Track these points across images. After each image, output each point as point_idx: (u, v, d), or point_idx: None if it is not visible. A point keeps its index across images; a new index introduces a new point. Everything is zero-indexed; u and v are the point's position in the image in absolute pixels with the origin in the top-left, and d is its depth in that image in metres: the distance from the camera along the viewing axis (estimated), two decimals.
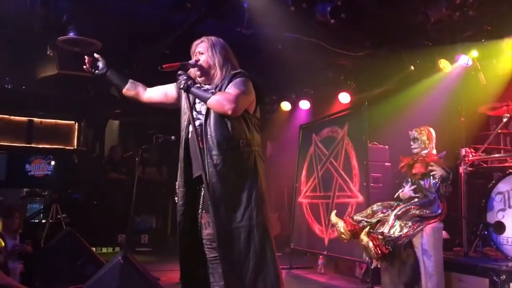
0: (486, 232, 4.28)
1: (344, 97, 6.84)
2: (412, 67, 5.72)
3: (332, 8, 4.49)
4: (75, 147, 8.66)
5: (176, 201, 2.81)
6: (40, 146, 8.33)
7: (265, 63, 5.77)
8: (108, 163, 8.06)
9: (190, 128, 2.72)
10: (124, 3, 4.79)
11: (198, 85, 2.67)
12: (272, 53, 5.66)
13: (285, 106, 7.79)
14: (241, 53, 2.92)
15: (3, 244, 3.69)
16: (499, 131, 4.71)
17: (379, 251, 3.68)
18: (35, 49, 5.74)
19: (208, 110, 2.65)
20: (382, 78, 6.32)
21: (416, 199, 3.95)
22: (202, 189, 2.69)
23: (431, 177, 3.97)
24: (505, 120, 4.59)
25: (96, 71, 2.93)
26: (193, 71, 2.75)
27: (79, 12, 4.57)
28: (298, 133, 6.66)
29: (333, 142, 5.77)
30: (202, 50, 2.76)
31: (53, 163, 7.98)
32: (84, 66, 2.92)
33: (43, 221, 7.01)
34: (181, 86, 2.62)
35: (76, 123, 8.75)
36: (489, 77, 5.29)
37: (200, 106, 2.73)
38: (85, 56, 2.90)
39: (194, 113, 2.72)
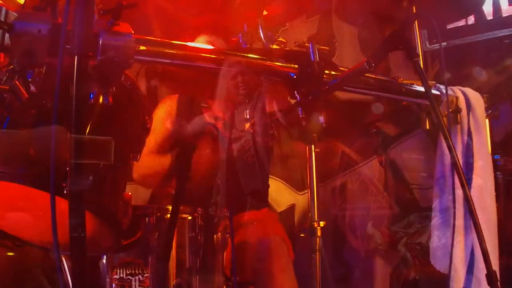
0: None
1: (377, 108, 6.78)
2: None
3: None
4: (112, 162, 8.86)
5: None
6: (78, 161, 8.57)
7: None
8: None
9: (236, 147, 2.76)
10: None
11: None
12: None
13: None
14: None
15: None
16: None
17: (417, 262, 3.64)
18: (75, 68, 5.97)
19: (254, 125, 2.69)
20: None
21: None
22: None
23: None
24: None
25: None
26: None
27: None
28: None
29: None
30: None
31: (90, 178, 8.20)
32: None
33: (82, 234, 7.19)
34: None
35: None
36: None
37: (241, 125, 2.79)
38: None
39: (237, 132, 2.78)
